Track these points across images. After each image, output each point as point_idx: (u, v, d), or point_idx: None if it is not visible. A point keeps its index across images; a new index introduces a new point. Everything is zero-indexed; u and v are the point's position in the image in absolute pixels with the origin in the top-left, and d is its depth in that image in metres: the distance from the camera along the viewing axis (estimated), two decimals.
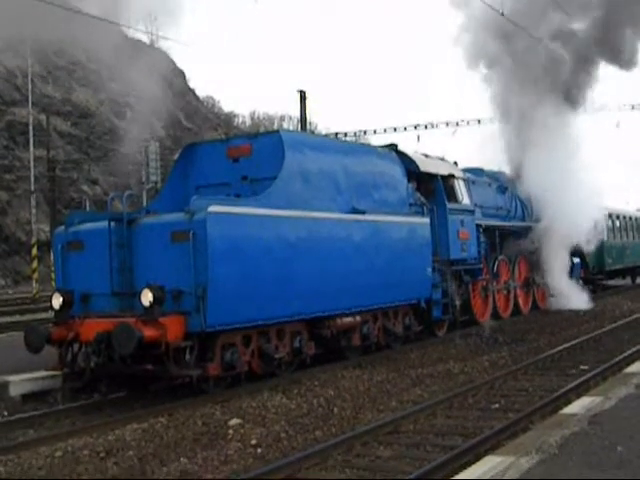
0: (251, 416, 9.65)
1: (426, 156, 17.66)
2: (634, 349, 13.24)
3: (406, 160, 16.09)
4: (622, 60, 23.14)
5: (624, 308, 22.01)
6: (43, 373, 11.50)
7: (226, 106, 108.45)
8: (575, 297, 22.48)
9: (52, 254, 14.77)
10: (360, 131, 43.70)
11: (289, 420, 9.40)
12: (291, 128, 68.10)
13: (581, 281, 24.89)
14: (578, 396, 9.43)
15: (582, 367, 12.33)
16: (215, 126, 69.59)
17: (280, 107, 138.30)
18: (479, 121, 38.99)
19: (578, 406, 8.36)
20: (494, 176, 21.95)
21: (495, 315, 19.63)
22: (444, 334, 16.92)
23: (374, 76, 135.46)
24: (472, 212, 17.99)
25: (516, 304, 21.11)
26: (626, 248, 31.47)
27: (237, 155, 13.27)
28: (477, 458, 7.05)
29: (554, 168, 20.81)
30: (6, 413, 10.69)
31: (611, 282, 31.11)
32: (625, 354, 12.79)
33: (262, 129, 69.30)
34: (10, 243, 42.54)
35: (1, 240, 42.08)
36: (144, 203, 31.70)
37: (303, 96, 33.32)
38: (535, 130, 21.44)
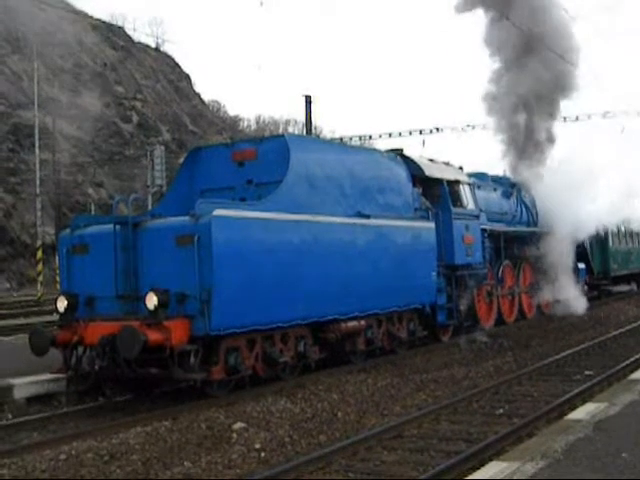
0: (255, 420, 9.65)
1: (431, 161, 17.64)
2: (639, 355, 13.20)
3: (411, 165, 16.08)
4: None
5: (629, 314, 21.98)
6: (47, 376, 11.51)
7: (231, 110, 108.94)
8: (580, 303, 22.46)
9: (57, 257, 14.80)
10: (365, 135, 43.74)
11: (293, 424, 9.40)
12: (296, 132, 68.18)
13: (586, 287, 24.84)
14: (583, 402, 9.42)
15: (587, 373, 12.30)
16: (220, 130, 69.71)
17: (285, 111, 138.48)
18: (484, 126, 38.97)
19: (583, 412, 8.34)
20: (499, 181, 21.94)
21: (500, 320, 19.60)
22: (449, 339, 16.90)
23: (380, 80, 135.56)
24: (477, 217, 17.97)
25: (521, 309, 21.08)
26: (631, 253, 31.39)
27: (242, 159, 13.29)
28: (482, 464, 7.04)
29: (562, 174, 20.85)
30: (10, 416, 10.70)
31: (616, 288, 31.01)
32: (630, 360, 12.77)
33: (267, 133, 69.42)
34: (15, 246, 42.59)
35: (6, 243, 42.13)
36: (149, 206, 31.74)
37: (308, 100, 33.34)
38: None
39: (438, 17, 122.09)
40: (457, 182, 17.35)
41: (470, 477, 6.42)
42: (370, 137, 43.94)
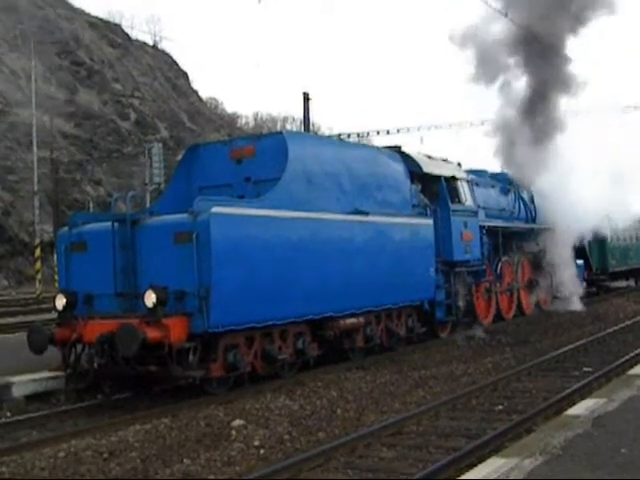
0: (254, 417, 9.64)
1: (429, 157, 17.63)
2: (638, 351, 13.20)
3: (409, 161, 16.08)
4: None
5: (628, 310, 21.96)
6: (46, 374, 11.50)
7: (229, 107, 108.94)
8: (578, 299, 22.48)
9: (55, 255, 14.80)
10: (363, 132, 43.66)
11: (292, 421, 9.40)
12: (294, 129, 68.14)
13: (585, 283, 24.85)
14: (582, 398, 9.41)
15: (586, 369, 12.30)
16: (218, 127, 69.68)
17: (283, 108, 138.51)
18: (482, 122, 38.93)
19: (582, 408, 8.34)
20: (497, 177, 21.93)
21: (498, 316, 19.61)
22: (447, 335, 16.89)
23: (377, 77, 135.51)
24: (475, 213, 17.97)
25: (519, 305, 21.08)
26: (630, 249, 31.39)
27: (240, 156, 13.27)
28: (481, 460, 7.04)
29: (563, 171, 20.75)
30: (9, 414, 10.69)
31: (614, 284, 31.03)
32: (629, 356, 12.76)
33: (265, 130, 69.35)
34: (13, 244, 42.57)
35: (4, 241, 42.11)
36: (147, 204, 31.71)
37: (306, 97, 33.32)
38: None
39: (436, 14, 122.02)
40: (455, 179, 17.34)
41: (469, 473, 6.42)
42: (368, 134, 43.84)
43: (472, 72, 21.50)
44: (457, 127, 41.30)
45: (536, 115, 21.20)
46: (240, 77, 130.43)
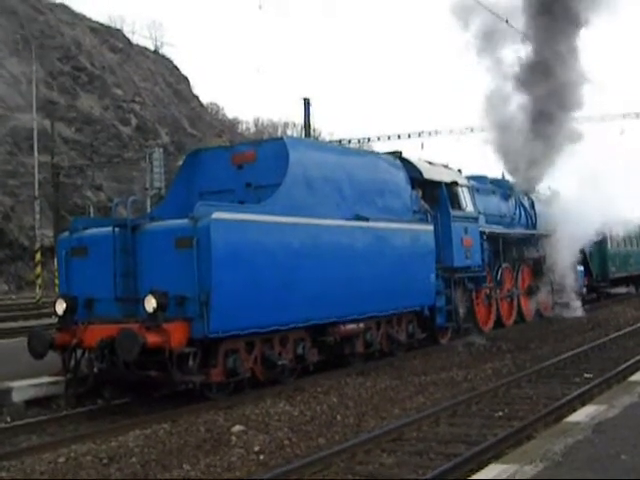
0: (254, 423, 9.64)
1: (430, 163, 17.64)
2: (639, 357, 13.19)
3: (410, 167, 16.07)
4: None
5: (628, 316, 21.97)
6: (46, 379, 11.50)
7: (230, 113, 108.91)
8: (579, 305, 22.47)
9: (56, 260, 14.81)
10: (364, 138, 43.66)
11: (292, 427, 9.39)
12: (295, 135, 68.17)
13: (585, 289, 24.84)
14: (582, 404, 9.40)
15: (586, 375, 12.29)
16: (219, 133, 69.74)
17: (284, 114, 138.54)
18: (483, 129, 38.88)
19: (582, 414, 8.32)
20: (498, 183, 21.94)
21: (499, 323, 19.60)
22: (447, 342, 16.88)
23: (378, 83, 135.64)
24: (476, 219, 17.96)
25: (520, 312, 21.07)
26: (630, 256, 31.40)
27: (241, 162, 13.29)
28: (481, 466, 7.03)
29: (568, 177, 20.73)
30: (9, 419, 10.68)
31: (614, 290, 31.03)
32: (629, 362, 12.74)
33: (266, 136, 69.36)
34: (14, 249, 42.58)
35: (5, 246, 42.12)
36: (148, 209, 31.72)
37: (307, 103, 33.40)
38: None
39: (438, 20, 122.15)
40: (456, 185, 17.34)
41: (470, 478, 6.41)
42: (369, 140, 43.85)
43: (474, 42, 21.43)
44: (458, 133, 41.29)
45: (536, 84, 20.84)
46: (241, 82, 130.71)
